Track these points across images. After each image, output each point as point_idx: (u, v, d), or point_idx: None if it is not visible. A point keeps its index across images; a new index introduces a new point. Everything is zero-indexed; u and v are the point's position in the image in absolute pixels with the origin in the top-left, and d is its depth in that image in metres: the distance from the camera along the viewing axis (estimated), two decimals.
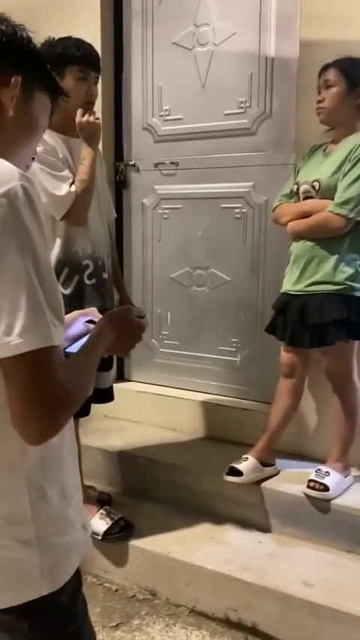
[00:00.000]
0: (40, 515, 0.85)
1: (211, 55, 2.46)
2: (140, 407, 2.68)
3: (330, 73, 1.90)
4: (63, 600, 0.91)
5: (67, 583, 0.91)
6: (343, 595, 1.74)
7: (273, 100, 2.36)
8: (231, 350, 2.57)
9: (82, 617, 0.98)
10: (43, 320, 0.73)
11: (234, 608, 1.85)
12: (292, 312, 1.98)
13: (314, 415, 2.26)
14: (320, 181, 1.91)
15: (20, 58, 0.87)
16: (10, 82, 0.85)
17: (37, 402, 0.73)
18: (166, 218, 2.67)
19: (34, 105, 0.90)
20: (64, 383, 0.75)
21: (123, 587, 2.04)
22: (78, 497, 0.95)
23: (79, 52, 1.82)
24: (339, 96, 1.89)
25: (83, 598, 0.99)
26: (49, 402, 0.74)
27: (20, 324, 0.71)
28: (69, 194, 1.81)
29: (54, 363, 0.74)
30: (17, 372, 0.73)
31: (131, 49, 2.66)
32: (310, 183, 1.94)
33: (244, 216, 2.47)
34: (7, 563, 0.85)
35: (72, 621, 0.94)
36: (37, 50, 0.90)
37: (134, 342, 1.01)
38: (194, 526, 2.11)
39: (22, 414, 0.74)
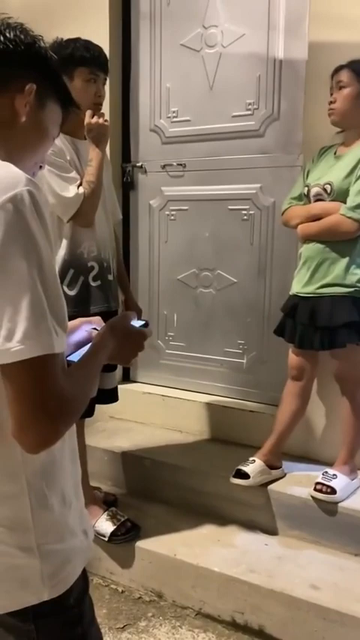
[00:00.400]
0: (40, 522, 0.85)
1: (219, 56, 2.46)
2: (146, 408, 2.68)
3: (343, 74, 1.90)
4: (70, 602, 0.91)
5: (73, 585, 0.91)
6: (351, 598, 1.73)
7: (281, 101, 2.35)
8: (237, 352, 2.57)
9: (90, 619, 0.98)
10: (44, 327, 0.72)
11: (240, 610, 1.85)
12: (301, 314, 1.98)
13: (321, 418, 2.25)
14: (332, 184, 1.90)
15: (36, 68, 0.89)
16: (25, 89, 0.87)
17: (37, 410, 0.72)
18: (172, 219, 2.67)
19: (45, 114, 0.91)
20: (64, 391, 0.75)
21: (129, 589, 2.04)
22: (78, 503, 0.94)
23: (88, 53, 1.83)
24: (351, 97, 1.88)
25: (90, 600, 0.99)
26: (49, 410, 0.73)
27: (21, 331, 0.71)
28: (77, 196, 1.81)
29: (55, 370, 0.74)
30: (17, 379, 0.73)
31: (139, 50, 2.66)
32: (322, 186, 1.93)
33: (251, 218, 2.47)
34: (7, 569, 0.84)
35: (79, 623, 0.94)
36: (53, 61, 0.92)
37: (136, 351, 0.99)
38: (200, 528, 2.10)
39: (22, 421, 0.73)
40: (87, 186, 1.83)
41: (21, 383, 0.72)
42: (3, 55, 0.86)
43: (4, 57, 0.86)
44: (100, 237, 1.96)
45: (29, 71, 0.88)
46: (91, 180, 1.84)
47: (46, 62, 0.91)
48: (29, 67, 0.88)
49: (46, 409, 0.73)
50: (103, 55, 1.88)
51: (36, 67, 0.89)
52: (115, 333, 0.94)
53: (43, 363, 0.72)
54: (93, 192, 1.83)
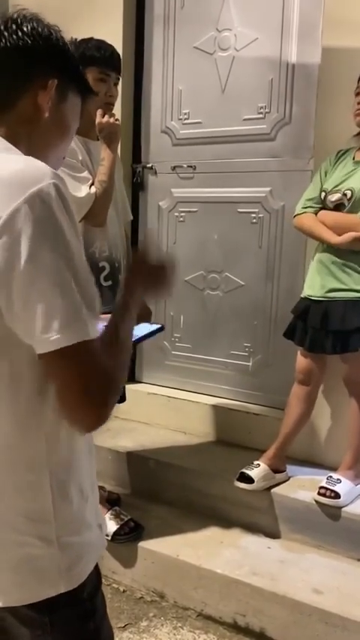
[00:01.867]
0: (60, 514, 0.86)
1: (232, 60, 2.47)
2: (151, 409, 2.68)
3: None
4: (84, 596, 0.92)
5: (87, 579, 0.92)
6: (353, 603, 1.73)
7: (293, 105, 2.36)
8: (243, 354, 2.57)
9: (102, 613, 0.98)
10: (79, 316, 0.74)
11: (242, 612, 1.85)
12: (313, 317, 1.98)
13: (327, 422, 2.25)
14: (353, 190, 1.89)
15: (56, 60, 0.88)
16: (47, 85, 0.86)
17: (86, 394, 0.75)
18: (182, 221, 2.68)
19: (67, 107, 0.90)
20: (107, 370, 0.77)
21: (131, 589, 2.04)
22: (94, 497, 0.95)
23: (99, 53, 1.83)
24: None
25: (102, 595, 0.99)
26: (96, 391, 0.76)
27: (57, 322, 0.73)
28: (89, 195, 1.81)
29: (94, 354, 0.76)
30: (60, 369, 0.75)
31: (152, 51, 2.67)
32: (342, 192, 1.92)
33: (260, 221, 2.48)
34: (26, 561, 0.85)
35: (92, 617, 0.94)
36: (70, 52, 0.91)
37: (166, 283, 1.00)
38: (203, 529, 2.11)
39: (73, 408, 0.76)
40: (99, 186, 1.84)
41: (65, 371, 0.75)
42: (22, 50, 0.85)
43: (24, 52, 0.85)
44: (112, 237, 1.96)
45: (49, 65, 0.86)
46: (103, 179, 1.84)
47: (65, 53, 0.89)
48: (49, 60, 0.86)
49: (94, 391, 0.76)
50: (116, 55, 1.88)
51: (55, 60, 0.87)
52: (137, 279, 0.94)
53: (83, 349, 0.74)
54: (105, 192, 1.84)
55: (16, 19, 0.86)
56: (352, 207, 1.90)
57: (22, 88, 0.86)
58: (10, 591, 0.85)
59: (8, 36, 0.85)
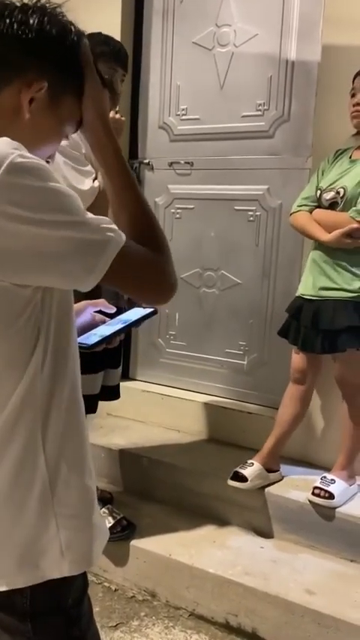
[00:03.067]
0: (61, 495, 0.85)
1: (231, 56, 2.45)
2: (145, 406, 2.67)
3: None
4: (68, 603, 0.89)
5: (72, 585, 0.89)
6: (346, 604, 1.73)
7: (292, 103, 2.34)
8: (239, 353, 2.56)
9: (87, 620, 0.95)
10: (102, 238, 0.77)
11: (234, 612, 1.84)
12: (305, 316, 1.97)
13: (321, 422, 2.25)
14: (346, 188, 1.89)
15: (53, 59, 0.81)
16: (32, 85, 0.79)
17: (150, 284, 0.86)
18: (178, 218, 2.66)
19: (59, 112, 0.83)
20: (148, 253, 0.83)
21: (122, 588, 2.03)
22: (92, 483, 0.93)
23: (107, 47, 1.83)
24: None
25: (89, 601, 0.97)
26: (155, 275, 0.85)
27: (92, 259, 0.77)
28: (92, 189, 1.80)
29: (133, 250, 0.81)
30: (120, 277, 0.81)
31: (151, 47, 2.65)
32: (336, 190, 1.91)
33: (257, 219, 2.46)
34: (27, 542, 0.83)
35: (77, 624, 0.92)
36: (70, 48, 0.83)
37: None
38: (196, 528, 2.09)
39: (148, 297, 0.91)
40: (102, 180, 1.81)
41: (124, 275, 0.82)
42: (21, 43, 0.78)
43: (22, 45, 0.78)
44: None
45: (45, 64, 0.80)
46: None
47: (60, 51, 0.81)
48: (46, 59, 0.80)
49: (153, 277, 0.85)
50: (123, 51, 1.88)
51: (55, 60, 0.80)
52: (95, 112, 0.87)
53: (124, 253, 0.78)
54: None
55: (26, 10, 0.80)
56: (345, 205, 1.89)
57: (6, 80, 0.79)
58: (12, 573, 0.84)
59: (9, 24, 0.78)
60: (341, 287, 1.90)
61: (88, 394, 1.91)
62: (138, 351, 2.82)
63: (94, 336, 1.01)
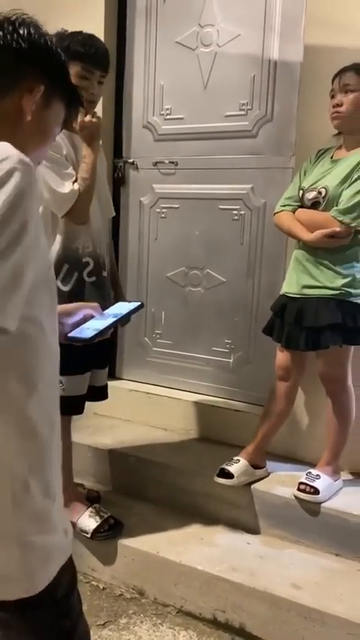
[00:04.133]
0: (22, 511, 0.84)
1: (214, 55, 2.46)
2: (131, 405, 2.67)
3: (350, 77, 1.86)
4: (59, 595, 0.91)
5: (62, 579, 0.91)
6: (332, 598, 1.75)
7: (275, 103, 2.36)
8: (224, 351, 2.57)
9: (78, 612, 0.98)
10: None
11: (222, 608, 1.85)
12: (289, 314, 1.99)
13: (306, 418, 2.27)
14: (328, 188, 1.91)
15: (46, 68, 0.90)
16: (33, 90, 0.88)
17: None
18: (163, 217, 2.67)
19: (50, 113, 0.92)
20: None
21: (110, 586, 2.04)
22: (61, 499, 0.93)
23: (83, 48, 1.78)
24: (358, 102, 1.85)
25: (78, 595, 0.99)
26: None
27: None
28: (72, 192, 1.79)
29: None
30: None
31: (134, 46, 2.65)
32: (318, 190, 1.93)
33: (241, 218, 2.48)
34: None
35: (67, 616, 0.94)
36: (64, 62, 0.93)
37: None
38: (184, 526, 2.11)
39: None
40: (82, 183, 1.82)
41: None
42: (15, 51, 0.87)
43: (16, 54, 0.87)
44: (96, 233, 1.94)
45: (39, 71, 0.89)
46: (85, 177, 1.82)
47: (57, 62, 0.92)
48: (39, 66, 0.89)
49: None
50: (102, 52, 1.83)
51: (46, 67, 0.90)
52: None
53: None
54: (87, 189, 1.82)
55: (13, 21, 0.88)
56: (326, 205, 1.91)
57: (8, 88, 0.88)
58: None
59: (3, 35, 0.87)
60: (324, 285, 1.92)
61: (74, 395, 1.92)
62: (124, 350, 2.83)
63: (88, 330, 1.02)
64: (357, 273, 1.92)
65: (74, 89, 0.97)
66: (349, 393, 2.04)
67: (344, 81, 1.87)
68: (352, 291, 1.91)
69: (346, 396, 2.04)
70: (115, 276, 2.16)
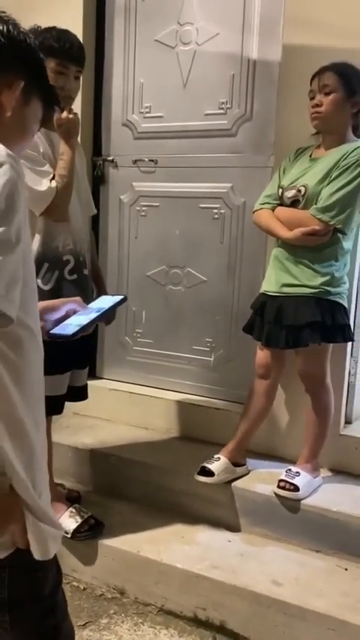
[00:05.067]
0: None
1: (193, 54, 2.46)
2: (112, 405, 2.66)
3: (329, 77, 1.87)
4: (45, 593, 0.92)
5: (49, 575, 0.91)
6: (312, 594, 1.76)
7: (254, 102, 2.37)
8: (205, 350, 2.58)
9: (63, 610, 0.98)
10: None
11: (203, 606, 1.86)
12: (269, 312, 2.00)
13: (286, 416, 2.28)
14: (307, 187, 1.92)
15: (25, 65, 0.91)
16: (13, 85, 0.89)
17: None
18: (143, 215, 2.66)
19: (29, 110, 0.93)
20: None
21: (91, 586, 2.03)
22: (48, 496, 0.94)
23: (57, 43, 1.76)
24: (337, 103, 1.87)
25: (63, 593, 0.99)
26: None
27: None
28: (49, 189, 1.77)
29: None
30: None
31: (113, 43, 2.64)
32: (297, 188, 1.94)
33: (222, 217, 2.48)
34: None
35: (53, 613, 0.95)
36: (42, 60, 0.94)
37: None
38: (164, 525, 2.10)
39: None
40: (59, 180, 1.80)
41: None
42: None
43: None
44: (76, 231, 1.93)
45: (18, 67, 0.89)
46: (63, 174, 1.81)
47: (36, 60, 0.93)
48: (19, 63, 0.90)
49: None
50: (76, 47, 1.81)
51: (25, 64, 0.90)
52: None
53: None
54: (65, 186, 1.80)
55: None
56: (306, 204, 1.93)
57: None
58: None
59: None
60: (303, 283, 1.94)
61: (53, 395, 1.91)
62: (104, 350, 2.81)
63: (70, 326, 1.01)
64: (335, 271, 1.94)
65: (52, 88, 0.98)
66: (328, 391, 2.05)
67: (323, 81, 1.88)
68: (330, 290, 1.92)
69: (325, 394, 2.05)
70: (97, 273, 2.15)
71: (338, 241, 1.93)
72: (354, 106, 1.90)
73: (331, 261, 1.93)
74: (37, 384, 0.90)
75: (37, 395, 0.91)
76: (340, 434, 2.21)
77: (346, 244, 1.96)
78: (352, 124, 1.94)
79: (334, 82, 1.87)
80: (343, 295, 1.97)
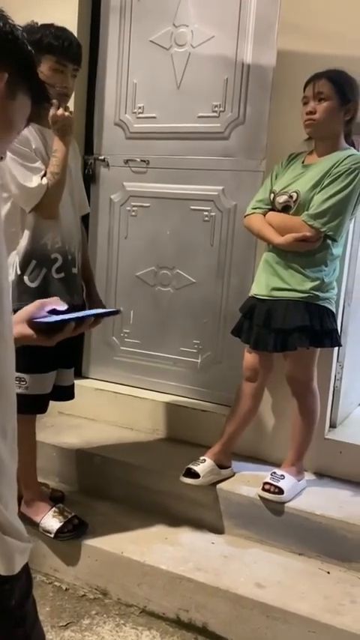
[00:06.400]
0: None
1: (188, 56, 2.47)
2: (97, 404, 2.65)
3: (323, 85, 1.88)
4: (12, 604, 0.88)
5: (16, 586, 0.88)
6: (294, 596, 1.77)
7: (247, 106, 2.38)
8: (192, 351, 2.58)
9: (32, 619, 0.95)
10: None
11: (185, 608, 1.86)
12: (258, 315, 2.01)
13: (272, 419, 2.30)
14: (299, 193, 1.93)
15: (11, 57, 0.87)
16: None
17: None
18: (134, 215, 2.65)
19: (14, 105, 0.89)
20: None
21: (73, 587, 2.01)
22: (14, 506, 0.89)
23: (57, 41, 1.76)
24: (331, 110, 1.88)
25: (34, 600, 0.96)
26: None
27: None
28: (40, 186, 1.76)
29: None
30: None
31: (107, 43, 2.63)
32: (289, 194, 1.96)
33: (212, 220, 2.49)
34: None
35: (21, 624, 0.91)
36: (31, 54, 0.90)
37: None
38: (148, 526, 2.10)
39: None
40: (51, 177, 1.79)
41: None
42: None
43: None
44: (66, 229, 1.92)
45: (3, 59, 0.85)
46: (56, 171, 1.80)
47: (23, 53, 0.88)
48: (4, 55, 0.85)
49: None
50: (75, 45, 1.81)
51: (10, 56, 0.86)
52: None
53: None
54: (57, 183, 1.80)
55: None
56: (297, 209, 1.94)
57: None
58: None
59: None
60: (293, 288, 1.95)
61: (38, 393, 1.90)
62: (91, 349, 2.80)
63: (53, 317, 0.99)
64: (325, 276, 1.95)
65: (42, 84, 0.94)
66: (314, 394, 2.07)
67: (317, 89, 1.89)
68: (319, 295, 1.94)
69: (312, 397, 2.07)
70: (88, 272, 2.14)
71: (328, 247, 1.94)
72: (347, 113, 1.91)
73: (320, 267, 1.94)
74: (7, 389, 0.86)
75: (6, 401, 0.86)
76: (324, 438, 2.23)
77: (336, 250, 1.98)
78: (344, 131, 1.96)
79: (329, 89, 1.88)
80: (331, 300, 1.99)
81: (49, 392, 1.96)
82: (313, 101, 1.90)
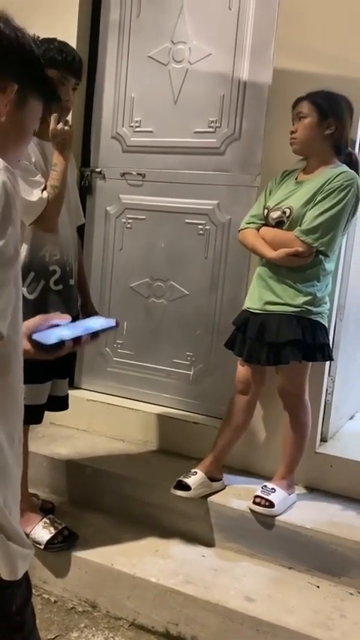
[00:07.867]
0: None
1: (185, 72, 2.50)
2: (89, 416, 2.65)
3: (303, 105, 1.96)
4: (12, 609, 0.89)
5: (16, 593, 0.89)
6: (283, 610, 1.77)
7: (243, 122, 2.42)
8: (185, 363, 2.59)
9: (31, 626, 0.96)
10: None
11: (175, 621, 1.85)
12: (251, 329, 2.03)
13: (263, 432, 2.31)
14: (292, 209, 1.96)
15: (18, 65, 0.87)
16: (6, 90, 0.85)
17: None
18: (129, 227, 2.67)
19: (26, 111, 0.90)
20: None
21: (62, 599, 2.00)
22: (17, 513, 0.91)
23: (60, 55, 1.79)
24: (310, 127, 1.94)
25: (32, 608, 0.97)
26: None
27: None
28: (40, 200, 1.78)
29: None
30: None
31: (106, 57, 2.67)
32: (282, 210, 1.99)
33: (206, 233, 2.51)
34: None
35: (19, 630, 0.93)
36: (37, 56, 0.90)
37: None
38: (139, 538, 2.10)
39: None
40: (51, 191, 1.80)
41: None
42: None
43: None
44: (64, 241, 1.93)
45: (11, 67, 0.85)
46: (56, 185, 1.81)
47: (30, 58, 0.88)
48: (11, 64, 0.85)
49: None
50: (77, 60, 1.84)
51: (18, 64, 0.86)
52: None
53: None
54: (57, 197, 1.81)
55: None
56: (290, 225, 1.97)
57: None
58: None
59: None
60: (286, 302, 1.97)
61: (33, 404, 1.89)
62: (84, 360, 2.81)
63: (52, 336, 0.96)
64: (317, 291, 1.98)
65: (52, 85, 0.97)
66: (305, 408, 2.08)
67: (298, 110, 1.97)
68: (312, 309, 1.96)
69: (303, 411, 2.08)
70: (83, 283, 2.15)
71: (320, 263, 1.97)
72: (329, 127, 1.95)
73: (313, 282, 1.97)
74: (17, 398, 0.88)
75: (15, 409, 0.88)
76: (315, 452, 2.24)
77: (329, 266, 2.00)
78: (332, 145, 1.99)
79: (307, 108, 1.95)
80: (324, 315, 2.01)
81: (44, 402, 1.96)
82: (295, 121, 1.97)
